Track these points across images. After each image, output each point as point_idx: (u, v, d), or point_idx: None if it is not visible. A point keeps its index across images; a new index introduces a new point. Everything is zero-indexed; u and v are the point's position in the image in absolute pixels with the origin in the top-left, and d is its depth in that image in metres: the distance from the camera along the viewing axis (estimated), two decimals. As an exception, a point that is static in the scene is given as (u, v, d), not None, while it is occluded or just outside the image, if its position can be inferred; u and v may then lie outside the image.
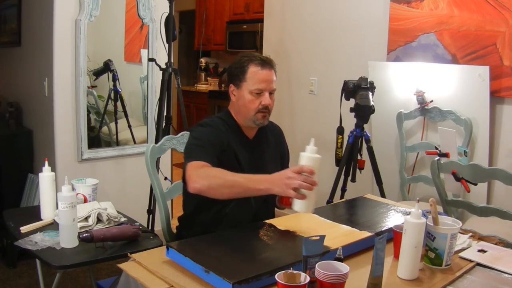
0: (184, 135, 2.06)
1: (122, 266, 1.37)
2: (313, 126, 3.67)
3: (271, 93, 1.80)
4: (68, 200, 1.59)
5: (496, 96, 2.58)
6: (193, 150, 1.72)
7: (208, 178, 1.57)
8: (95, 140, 3.20)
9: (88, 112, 3.08)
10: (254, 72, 1.76)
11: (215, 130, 1.78)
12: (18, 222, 1.78)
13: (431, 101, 2.79)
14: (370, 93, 2.59)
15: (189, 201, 1.89)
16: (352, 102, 2.63)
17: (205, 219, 1.83)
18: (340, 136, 2.77)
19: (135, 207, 2.84)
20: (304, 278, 1.13)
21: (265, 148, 1.93)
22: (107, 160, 3.15)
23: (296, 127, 3.81)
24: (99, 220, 1.79)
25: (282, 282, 1.10)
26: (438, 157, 2.25)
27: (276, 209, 1.93)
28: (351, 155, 2.71)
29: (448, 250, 1.38)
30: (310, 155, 1.47)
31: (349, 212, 1.91)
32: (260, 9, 4.45)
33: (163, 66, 2.82)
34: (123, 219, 1.86)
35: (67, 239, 1.61)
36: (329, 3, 3.47)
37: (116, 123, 3.30)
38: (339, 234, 1.52)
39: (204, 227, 1.81)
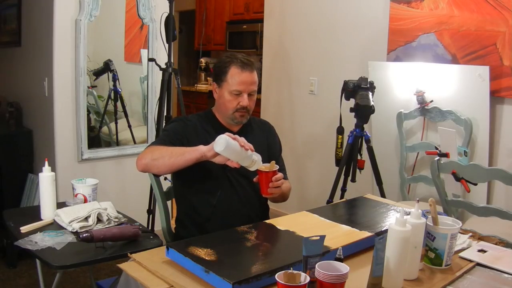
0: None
1: (122, 266, 1.37)
2: (313, 126, 3.67)
3: (251, 94, 1.85)
4: None
5: (496, 96, 2.58)
6: (156, 140, 1.87)
7: (151, 152, 1.72)
8: (95, 140, 3.20)
9: (88, 112, 3.08)
10: (234, 74, 1.81)
11: (183, 123, 1.88)
12: (18, 222, 1.78)
13: (431, 101, 2.79)
14: (370, 93, 2.59)
15: (178, 200, 1.97)
16: (352, 102, 2.63)
17: (195, 215, 1.88)
18: (340, 136, 2.77)
19: (135, 207, 2.84)
20: (304, 278, 1.13)
21: (250, 140, 1.94)
22: (107, 160, 3.15)
23: (296, 127, 3.81)
24: (99, 220, 1.79)
25: (282, 282, 1.10)
26: (438, 157, 2.25)
27: (274, 209, 1.95)
28: (351, 155, 2.71)
29: (448, 250, 1.38)
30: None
31: (349, 212, 1.91)
32: (260, 9, 4.45)
33: (163, 66, 2.82)
34: (123, 219, 1.86)
35: None
36: (329, 3, 3.47)
37: (116, 123, 3.30)
38: (339, 234, 1.52)
39: (196, 223, 1.86)
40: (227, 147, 1.54)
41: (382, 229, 1.58)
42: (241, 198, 1.87)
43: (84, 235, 1.55)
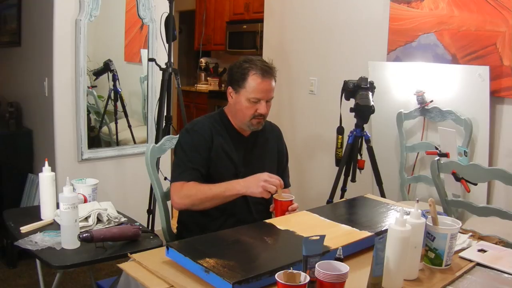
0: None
1: (122, 266, 1.37)
2: (313, 126, 3.67)
3: (268, 101, 1.83)
4: (69, 201, 1.58)
5: (496, 96, 2.57)
6: (177, 166, 1.82)
7: (189, 197, 1.74)
8: (95, 140, 3.20)
9: (88, 112, 3.08)
10: (254, 81, 1.78)
11: (199, 135, 1.83)
12: (18, 222, 1.78)
13: (431, 101, 2.79)
14: (370, 93, 2.59)
15: None
16: (352, 102, 2.63)
17: (203, 219, 1.87)
18: (340, 136, 2.77)
19: (135, 207, 2.84)
20: (304, 278, 1.13)
21: (262, 145, 1.97)
22: (107, 160, 3.15)
23: (296, 127, 3.81)
24: (99, 220, 1.79)
25: (282, 282, 1.10)
26: (438, 157, 2.24)
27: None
28: (351, 155, 2.71)
29: (448, 250, 1.38)
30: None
31: (349, 212, 1.91)
32: (260, 9, 4.45)
33: (163, 66, 2.82)
34: (123, 219, 1.86)
35: (68, 240, 1.60)
36: (329, 3, 3.47)
37: (116, 123, 3.30)
38: (339, 234, 1.52)
39: (205, 227, 1.84)
40: None
41: (382, 229, 1.58)
42: (249, 204, 1.88)
43: (84, 235, 1.55)
